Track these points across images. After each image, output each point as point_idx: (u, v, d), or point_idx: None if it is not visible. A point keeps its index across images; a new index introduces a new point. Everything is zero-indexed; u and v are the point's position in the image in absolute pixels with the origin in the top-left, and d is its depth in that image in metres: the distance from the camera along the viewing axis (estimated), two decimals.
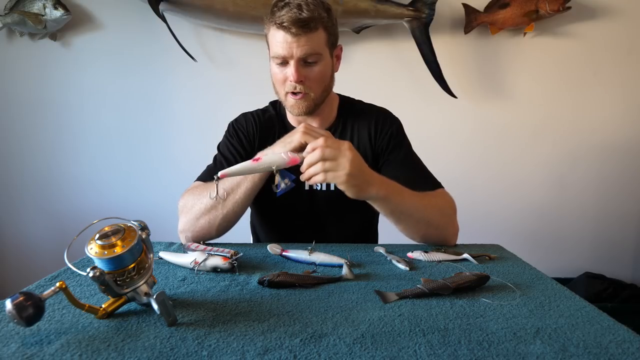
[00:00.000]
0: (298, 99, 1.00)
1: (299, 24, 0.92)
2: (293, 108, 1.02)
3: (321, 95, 1.04)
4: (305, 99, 1.00)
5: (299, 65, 0.96)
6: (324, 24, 0.97)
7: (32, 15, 1.98)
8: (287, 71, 0.97)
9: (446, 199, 1.03)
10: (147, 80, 2.15)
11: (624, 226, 2.29)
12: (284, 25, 0.92)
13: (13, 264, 2.28)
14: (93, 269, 0.55)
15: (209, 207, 0.96)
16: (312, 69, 0.98)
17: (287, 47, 0.94)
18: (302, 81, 0.97)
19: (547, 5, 1.98)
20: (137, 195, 2.22)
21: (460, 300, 0.65)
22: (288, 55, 0.95)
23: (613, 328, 0.56)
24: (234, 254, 0.79)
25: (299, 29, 0.92)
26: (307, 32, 0.94)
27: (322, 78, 1.01)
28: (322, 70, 1.00)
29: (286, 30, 0.93)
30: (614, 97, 2.20)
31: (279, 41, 0.95)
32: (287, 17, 0.92)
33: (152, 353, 0.49)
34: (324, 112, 1.10)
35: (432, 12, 2.03)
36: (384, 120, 1.12)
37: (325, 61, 1.01)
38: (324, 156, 0.81)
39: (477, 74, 2.19)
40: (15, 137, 2.18)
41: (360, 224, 1.18)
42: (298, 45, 0.94)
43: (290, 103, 1.02)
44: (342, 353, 0.49)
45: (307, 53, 0.95)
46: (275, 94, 1.07)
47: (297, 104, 1.01)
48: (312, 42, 0.95)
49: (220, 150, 1.12)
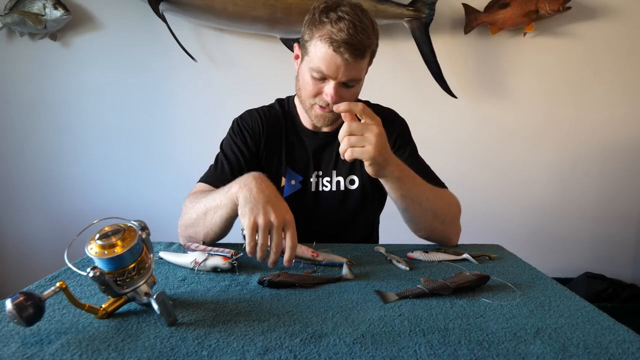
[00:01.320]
0: (327, 112, 0.99)
1: (353, 51, 0.89)
2: (318, 119, 1.02)
3: None
4: (333, 113, 0.98)
5: (338, 87, 0.94)
6: (372, 50, 0.96)
7: (32, 15, 1.98)
8: (324, 88, 0.95)
9: (452, 197, 1.04)
10: (147, 80, 2.15)
11: (624, 226, 2.29)
12: (340, 49, 0.89)
13: (13, 264, 2.28)
14: (93, 269, 0.55)
15: (194, 220, 0.91)
16: (348, 91, 0.97)
17: (333, 69, 0.91)
18: (337, 102, 0.95)
19: (547, 5, 1.98)
20: (137, 195, 2.22)
21: (460, 300, 0.65)
22: (332, 75, 0.93)
23: (613, 328, 0.56)
24: (234, 254, 0.79)
25: (352, 55, 0.89)
26: (357, 60, 0.91)
27: (354, 98, 1.01)
28: (357, 92, 1.01)
29: (339, 53, 0.89)
30: (614, 97, 2.20)
31: (325, 58, 0.91)
32: (342, 38, 0.88)
33: (152, 353, 0.49)
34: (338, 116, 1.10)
35: (432, 12, 2.03)
36: (391, 121, 1.11)
37: (361, 83, 1.00)
38: (350, 130, 0.81)
39: (477, 74, 2.19)
40: (15, 137, 2.18)
41: (364, 225, 1.18)
42: (345, 70, 0.92)
43: (316, 114, 1.01)
44: (342, 353, 0.49)
45: (352, 78, 0.94)
46: (298, 98, 1.05)
47: (325, 117, 1.00)
48: (359, 68, 0.94)
49: (223, 149, 1.10)
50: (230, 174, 1.04)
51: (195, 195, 0.96)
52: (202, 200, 0.90)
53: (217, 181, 1.03)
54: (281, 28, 2.02)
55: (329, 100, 0.95)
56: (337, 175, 1.12)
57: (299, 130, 1.12)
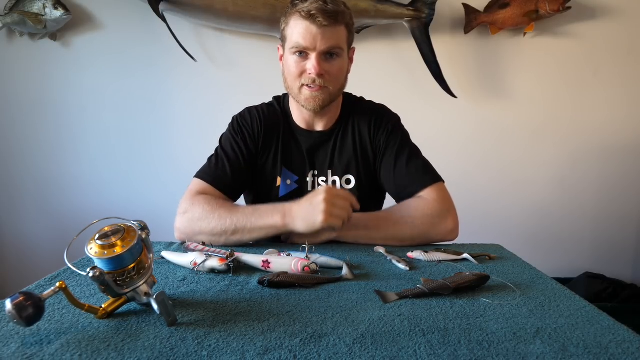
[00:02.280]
0: (315, 91, 0.98)
1: (327, 14, 0.91)
2: (308, 101, 1.00)
3: (337, 92, 1.03)
4: (322, 92, 0.98)
5: (320, 58, 0.95)
6: (346, 21, 0.97)
7: (32, 15, 1.98)
8: (307, 64, 0.96)
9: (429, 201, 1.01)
10: (147, 80, 2.15)
11: (624, 226, 2.29)
12: (311, 13, 0.91)
13: (13, 264, 2.28)
14: (93, 269, 0.55)
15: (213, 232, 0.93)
16: (332, 64, 0.97)
17: (310, 39, 0.93)
18: (321, 75, 0.96)
19: (547, 5, 1.98)
20: (137, 195, 2.22)
21: (460, 300, 0.65)
22: (311, 46, 0.93)
23: (613, 328, 0.56)
24: (229, 255, 0.79)
25: (326, 19, 0.91)
26: (333, 24, 0.93)
27: (341, 74, 1.00)
28: (342, 66, 1.00)
29: (312, 19, 0.91)
30: (614, 97, 2.20)
31: (302, 31, 0.93)
32: (314, 7, 0.91)
33: (152, 353, 0.49)
34: (331, 112, 1.09)
35: (432, 12, 2.03)
36: (381, 117, 1.11)
37: (344, 58, 1.00)
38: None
39: (477, 74, 2.19)
40: (15, 137, 2.18)
41: None
42: (323, 37, 0.93)
43: (305, 96, 1.00)
44: (342, 353, 0.49)
45: (331, 46, 0.94)
46: (286, 89, 1.05)
47: (314, 97, 0.99)
48: (337, 36, 0.94)
49: (223, 147, 1.10)
50: (230, 174, 1.04)
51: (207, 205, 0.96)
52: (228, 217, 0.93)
53: (217, 180, 1.04)
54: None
55: (313, 73, 0.95)
56: (332, 175, 1.11)
57: (293, 130, 1.11)
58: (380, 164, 1.10)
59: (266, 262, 0.78)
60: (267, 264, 0.78)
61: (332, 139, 1.11)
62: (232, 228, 0.92)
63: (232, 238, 0.93)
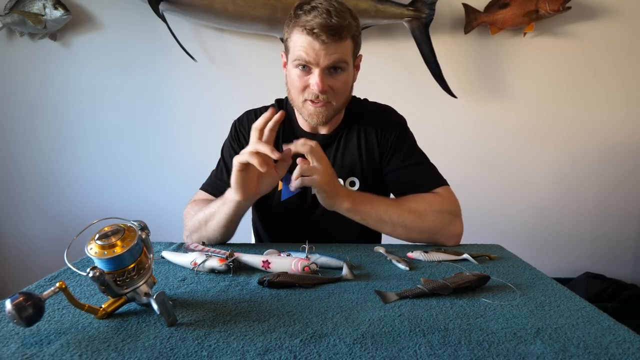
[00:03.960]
0: (319, 107, 0.96)
1: (330, 32, 0.88)
2: (312, 117, 0.98)
3: (342, 105, 1.01)
4: (326, 107, 0.96)
5: (323, 74, 0.92)
6: (352, 33, 0.94)
7: (32, 15, 1.98)
8: (310, 79, 0.93)
9: (443, 198, 1.01)
10: (147, 80, 2.15)
11: (624, 226, 2.29)
12: (314, 31, 0.88)
13: (13, 264, 2.28)
14: (93, 269, 0.55)
15: (196, 227, 0.99)
16: (337, 78, 0.94)
17: (313, 54, 0.90)
18: (325, 91, 0.93)
19: (547, 5, 1.98)
20: (137, 195, 2.22)
21: (460, 300, 0.65)
22: (314, 62, 0.91)
23: (613, 328, 0.56)
24: (229, 256, 0.79)
25: (329, 37, 0.88)
26: (336, 41, 0.90)
27: (345, 88, 0.98)
28: (347, 80, 0.97)
29: (315, 37, 0.88)
30: (614, 97, 2.20)
31: (304, 46, 0.90)
32: (317, 22, 0.87)
33: (152, 353, 0.49)
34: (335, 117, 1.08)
35: (432, 12, 2.03)
36: (389, 120, 1.11)
37: (349, 71, 0.97)
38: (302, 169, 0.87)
39: (477, 74, 2.19)
40: (15, 137, 2.18)
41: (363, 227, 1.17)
42: (326, 54, 0.90)
43: (309, 111, 0.98)
44: (342, 353, 0.49)
45: (334, 62, 0.91)
46: (290, 100, 1.03)
47: (317, 113, 0.97)
48: (340, 51, 0.91)
49: (222, 154, 1.11)
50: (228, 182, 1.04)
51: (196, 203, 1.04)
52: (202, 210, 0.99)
53: (216, 189, 1.06)
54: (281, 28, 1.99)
55: (316, 90, 0.93)
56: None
57: (297, 133, 1.10)
58: (387, 166, 1.09)
59: (266, 262, 0.78)
60: (267, 264, 0.78)
61: (335, 142, 1.10)
62: (204, 218, 0.97)
63: (209, 227, 0.97)
